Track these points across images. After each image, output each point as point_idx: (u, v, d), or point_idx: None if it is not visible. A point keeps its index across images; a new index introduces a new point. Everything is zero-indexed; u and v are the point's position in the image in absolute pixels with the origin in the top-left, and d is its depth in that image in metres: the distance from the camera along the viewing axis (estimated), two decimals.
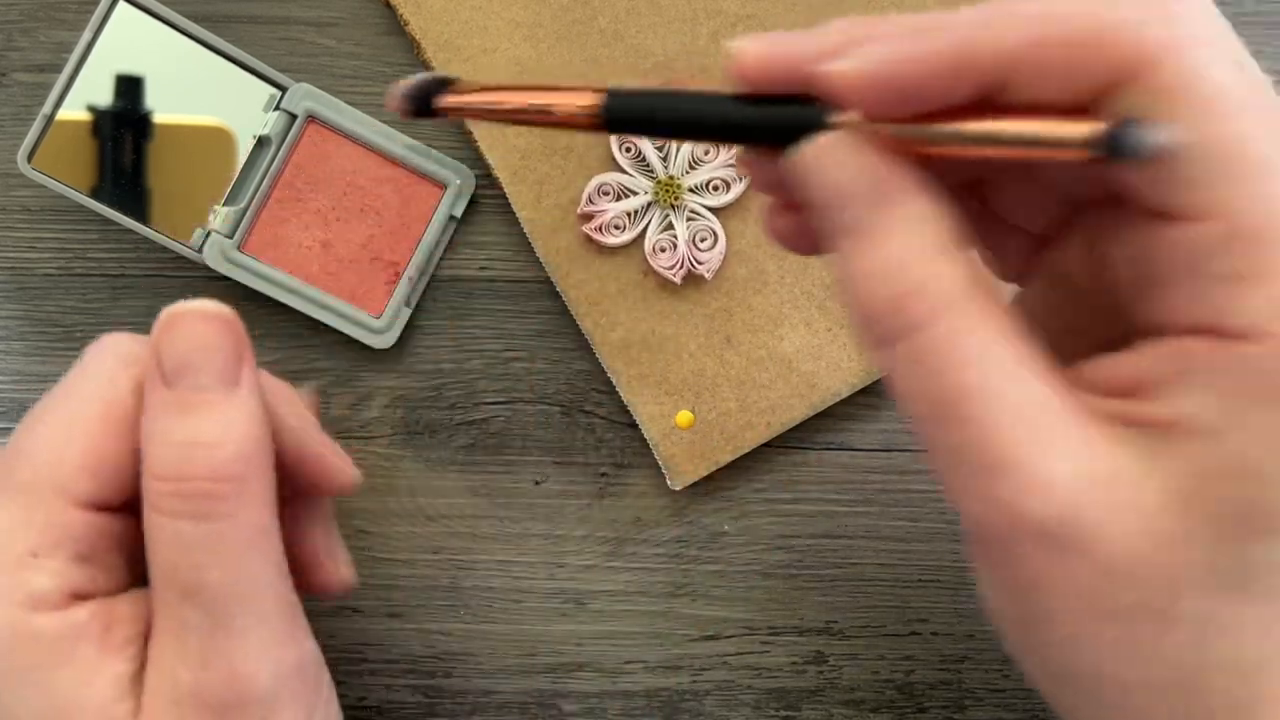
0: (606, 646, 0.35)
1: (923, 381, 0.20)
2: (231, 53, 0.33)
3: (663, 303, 0.34)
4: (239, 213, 0.33)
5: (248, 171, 0.33)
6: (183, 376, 0.23)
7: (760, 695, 0.34)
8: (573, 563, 0.35)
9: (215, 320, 0.24)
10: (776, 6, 0.33)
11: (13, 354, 0.35)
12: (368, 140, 0.34)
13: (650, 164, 0.34)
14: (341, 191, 0.34)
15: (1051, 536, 0.19)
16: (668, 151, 0.34)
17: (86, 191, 0.33)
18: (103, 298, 0.35)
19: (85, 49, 0.32)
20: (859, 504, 0.35)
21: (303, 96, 0.33)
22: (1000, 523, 0.20)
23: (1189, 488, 0.19)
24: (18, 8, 0.34)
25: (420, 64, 0.34)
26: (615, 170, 0.34)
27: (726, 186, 0.34)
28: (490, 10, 0.34)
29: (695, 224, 0.33)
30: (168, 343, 0.23)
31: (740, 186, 0.34)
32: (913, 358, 0.20)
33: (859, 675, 0.34)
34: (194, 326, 0.24)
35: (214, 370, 0.23)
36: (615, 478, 0.35)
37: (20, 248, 0.35)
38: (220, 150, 0.33)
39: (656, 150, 0.34)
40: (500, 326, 0.35)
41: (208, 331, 0.24)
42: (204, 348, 0.23)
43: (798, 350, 0.34)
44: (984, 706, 0.34)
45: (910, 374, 0.21)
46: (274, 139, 0.33)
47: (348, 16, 0.35)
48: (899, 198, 0.20)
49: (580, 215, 0.34)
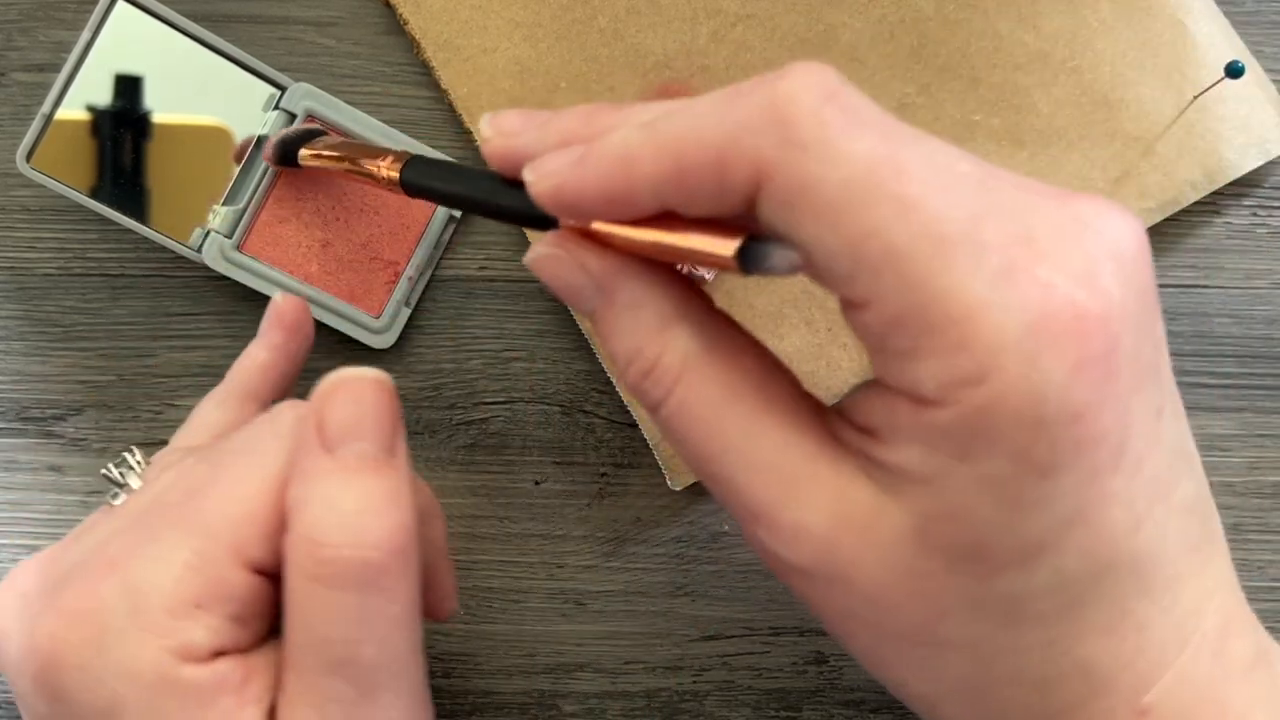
0: (606, 647, 0.35)
1: (683, 448, 0.22)
2: (231, 52, 0.33)
3: None
4: (238, 212, 0.33)
5: (247, 171, 0.33)
6: (346, 443, 0.22)
7: (760, 696, 0.34)
8: (572, 563, 0.35)
9: (381, 387, 0.23)
10: (776, 6, 0.33)
11: (12, 354, 0.35)
12: (368, 139, 0.34)
13: None
14: (341, 191, 0.34)
15: (811, 574, 0.21)
16: None
17: (85, 191, 0.33)
18: (102, 297, 0.35)
19: (84, 48, 0.32)
20: None
21: (302, 96, 0.33)
22: (771, 564, 0.22)
23: (919, 528, 0.20)
24: (16, 7, 0.34)
25: (420, 63, 0.34)
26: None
27: None
28: (490, 10, 0.34)
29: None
30: (331, 408, 0.23)
31: None
32: (668, 427, 0.22)
33: (859, 676, 0.34)
34: (359, 393, 0.23)
35: (378, 438, 0.23)
36: (615, 478, 0.35)
37: (20, 247, 0.35)
38: (220, 150, 0.33)
39: None
40: (500, 326, 0.35)
41: (373, 398, 0.23)
42: (368, 415, 0.23)
43: (798, 350, 0.34)
44: None
45: (673, 442, 0.22)
46: None
47: (347, 16, 0.35)
48: (615, 287, 0.22)
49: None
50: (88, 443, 0.35)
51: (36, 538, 0.35)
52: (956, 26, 0.33)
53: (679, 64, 0.34)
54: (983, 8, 0.33)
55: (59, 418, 0.35)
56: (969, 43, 0.33)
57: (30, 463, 0.35)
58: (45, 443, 0.35)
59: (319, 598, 0.22)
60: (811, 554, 0.21)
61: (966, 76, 0.33)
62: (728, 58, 0.34)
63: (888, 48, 0.33)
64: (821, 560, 0.21)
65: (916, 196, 0.18)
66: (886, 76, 0.33)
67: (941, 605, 0.20)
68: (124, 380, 0.35)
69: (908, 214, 0.18)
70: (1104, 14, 0.33)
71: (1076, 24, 0.33)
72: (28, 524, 0.35)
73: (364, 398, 0.23)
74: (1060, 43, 0.33)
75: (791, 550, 0.21)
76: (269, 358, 0.31)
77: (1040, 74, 0.33)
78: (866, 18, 0.33)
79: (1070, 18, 0.33)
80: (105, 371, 0.35)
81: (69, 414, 0.35)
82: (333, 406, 0.23)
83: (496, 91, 0.34)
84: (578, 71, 0.34)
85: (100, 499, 0.34)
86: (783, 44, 0.33)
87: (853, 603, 0.21)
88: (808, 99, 0.19)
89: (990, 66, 0.33)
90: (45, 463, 0.35)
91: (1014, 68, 0.33)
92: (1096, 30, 0.33)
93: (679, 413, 0.22)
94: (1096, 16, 0.33)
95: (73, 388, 0.35)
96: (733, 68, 0.34)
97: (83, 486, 0.35)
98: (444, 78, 0.34)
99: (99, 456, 0.35)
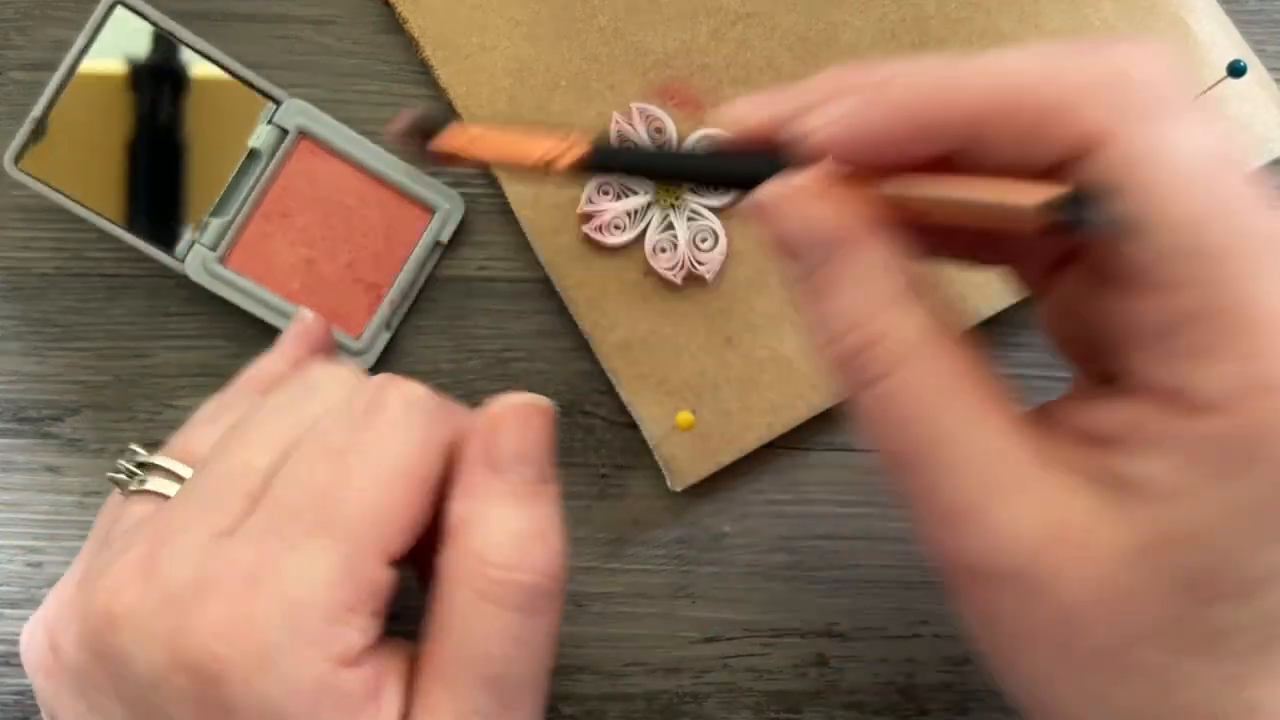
0: (606, 649, 0.34)
1: (886, 431, 0.21)
2: (227, 64, 0.33)
3: (663, 303, 0.34)
4: (224, 225, 0.33)
5: (237, 183, 0.33)
6: (514, 468, 0.24)
7: (761, 698, 0.34)
8: (572, 564, 0.34)
9: (547, 416, 0.24)
10: (777, 5, 0.33)
11: (9, 354, 0.35)
12: (359, 160, 0.33)
13: None
14: (328, 210, 0.34)
15: (1009, 581, 0.20)
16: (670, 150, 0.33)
17: (74, 196, 0.32)
18: (99, 298, 0.35)
19: (80, 51, 0.32)
20: (860, 505, 0.35)
21: (296, 112, 0.33)
22: (963, 568, 0.21)
23: (1146, 546, 0.19)
24: (14, 5, 0.34)
25: (419, 62, 0.34)
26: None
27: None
28: (489, 8, 0.33)
29: (696, 224, 0.33)
30: (504, 431, 0.24)
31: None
32: (875, 408, 0.21)
33: (860, 678, 0.34)
34: (529, 419, 0.24)
35: (541, 466, 0.24)
36: (615, 478, 0.35)
37: (16, 247, 0.35)
38: (212, 160, 0.33)
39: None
40: (500, 326, 0.35)
41: (539, 426, 0.24)
42: (535, 442, 0.24)
43: (798, 350, 0.33)
44: (986, 709, 0.34)
45: (874, 423, 0.21)
46: (265, 153, 0.33)
47: (346, 14, 0.35)
48: (857, 246, 0.20)
49: (580, 215, 0.33)
50: (85, 443, 0.34)
51: (35, 538, 0.34)
52: (958, 25, 0.33)
53: (679, 62, 0.34)
54: (984, 6, 0.33)
55: (56, 418, 0.35)
56: (970, 41, 0.33)
57: (27, 463, 0.34)
58: (42, 443, 0.34)
59: (486, 615, 0.22)
60: (1014, 561, 0.20)
61: None
62: (728, 56, 0.33)
63: (889, 46, 0.33)
64: (1023, 569, 0.20)
65: (1247, 196, 0.18)
66: None
67: (1143, 628, 0.19)
68: (121, 380, 0.34)
69: (1238, 209, 0.18)
70: (1106, 13, 0.33)
71: (1078, 23, 0.33)
72: (25, 524, 0.34)
73: (532, 424, 0.24)
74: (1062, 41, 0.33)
75: (993, 555, 0.20)
76: (285, 371, 0.30)
77: None
78: (868, 16, 0.33)
79: (1072, 16, 0.33)
80: (102, 372, 0.34)
81: (66, 414, 0.35)
82: (503, 430, 0.24)
83: (496, 90, 0.34)
84: (577, 70, 0.34)
85: (98, 499, 0.34)
86: (783, 42, 0.33)
87: (1043, 617, 0.20)
88: (1161, 71, 0.19)
89: None
90: (42, 463, 0.34)
91: None
92: (1098, 29, 0.33)
93: (894, 395, 0.20)
94: (1098, 15, 0.33)
95: (69, 388, 0.35)
96: (733, 66, 0.33)
97: (80, 487, 0.34)
98: (443, 76, 0.34)
99: (96, 457, 0.34)
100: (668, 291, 0.34)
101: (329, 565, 0.22)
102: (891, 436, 0.21)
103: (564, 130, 0.24)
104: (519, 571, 0.23)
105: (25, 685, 0.34)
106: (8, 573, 0.34)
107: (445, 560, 0.23)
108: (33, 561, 0.34)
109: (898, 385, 0.20)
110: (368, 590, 0.22)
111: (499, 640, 0.22)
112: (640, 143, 0.33)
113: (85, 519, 0.34)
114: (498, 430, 0.24)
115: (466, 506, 0.23)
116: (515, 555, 0.23)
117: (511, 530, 0.23)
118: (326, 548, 0.22)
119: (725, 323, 0.34)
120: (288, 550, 0.22)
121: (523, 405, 0.24)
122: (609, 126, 0.33)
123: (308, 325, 0.31)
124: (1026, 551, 0.19)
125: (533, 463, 0.24)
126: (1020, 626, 0.20)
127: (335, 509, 0.23)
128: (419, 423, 0.24)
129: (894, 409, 0.20)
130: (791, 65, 0.33)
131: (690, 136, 0.33)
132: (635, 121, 0.33)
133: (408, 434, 0.24)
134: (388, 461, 0.23)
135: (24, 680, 0.34)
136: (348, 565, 0.22)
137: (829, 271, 0.21)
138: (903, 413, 0.20)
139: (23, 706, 0.34)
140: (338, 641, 0.22)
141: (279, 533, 0.23)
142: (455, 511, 0.23)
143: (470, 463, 0.24)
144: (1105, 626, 0.19)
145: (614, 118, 0.33)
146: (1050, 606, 0.20)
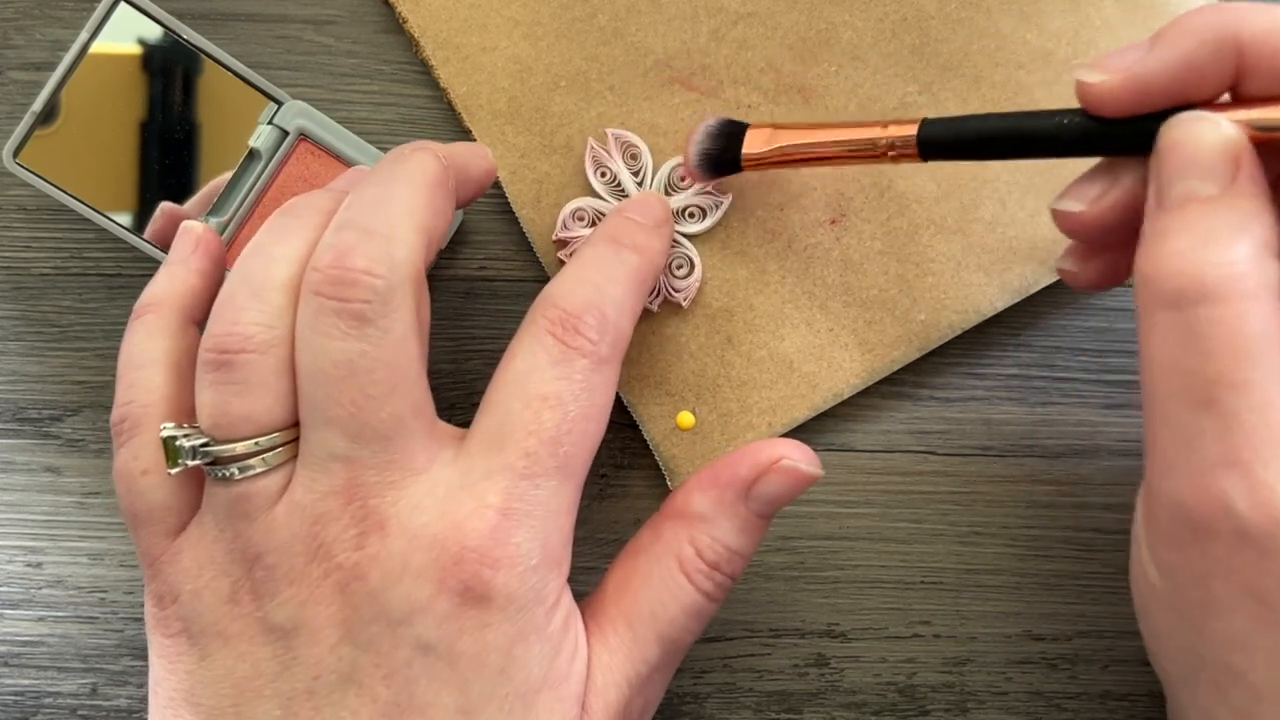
0: None
1: (1189, 356, 0.21)
2: (229, 63, 0.33)
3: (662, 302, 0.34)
4: (222, 225, 0.33)
5: (236, 183, 0.33)
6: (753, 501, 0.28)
7: (761, 698, 0.34)
8: (572, 564, 0.34)
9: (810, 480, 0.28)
10: (777, 5, 0.33)
11: (9, 354, 0.35)
12: (358, 163, 0.33)
13: (626, 190, 0.33)
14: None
15: (1253, 539, 0.20)
16: (644, 178, 0.33)
17: (73, 192, 0.32)
18: (99, 297, 0.35)
19: (82, 48, 0.32)
20: (860, 505, 0.35)
21: (296, 114, 0.33)
22: (1205, 513, 0.21)
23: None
24: (14, 5, 0.34)
25: (419, 62, 0.34)
26: (591, 196, 0.33)
27: (703, 214, 0.33)
28: (489, 8, 0.33)
29: (672, 251, 0.33)
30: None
31: (717, 214, 0.33)
32: (1191, 329, 0.21)
33: (861, 678, 0.34)
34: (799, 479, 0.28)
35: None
36: (615, 479, 0.35)
37: (16, 247, 0.35)
38: (214, 157, 0.33)
39: (633, 177, 0.33)
40: (500, 326, 0.35)
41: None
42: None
43: (799, 350, 0.33)
44: (986, 709, 0.34)
45: (1178, 344, 0.21)
46: (264, 154, 0.33)
47: (346, 14, 0.35)
48: (1250, 188, 0.22)
49: (555, 241, 0.33)
50: (85, 443, 0.34)
51: (35, 538, 0.34)
52: (958, 25, 0.33)
53: (679, 62, 0.33)
54: (985, 6, 0.33)
55: (56, 418, 0.35)
56: (971, 41, 0.33)
57: (27, 464, 0.34)
58: (42, 443, 0.35)
59: (684, 590, 0.27)
60: (1269, 518, 0.20)
61: (969, 75, 0.33)
62: (728, 56, 0.33)
63: (889, 46, 0.33)
64: (1274, 530, 0.20)
65: None
66: (888, 75, 0.33)
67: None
68: None
69: None
70: (1107, 12, 0.33)
71: (1079, 22, 0.33)
72: (25, 524, 0.34)
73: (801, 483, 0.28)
74: (1063, 41, 0.33)
75: (1256, 508, 0.20)
76: (200, 284, 0.29)
77: (1043, 72, 0.33)
78: (868, 16, 0.33)
79: (1073, 16, 0.33)
80: (102, 372, 0.34)
81: (66, 414, 0.35)
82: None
83: (496, 90, 0.34)
84: (577, 70, 0.33)
85: (98, 499, 0.34)
86: (783, 42, 0.33)
87: (1267, 579, 0.20)
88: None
89: (993, 65, 0.33)
90: (42, 463, 0.34)
91: (1016, 66, 0.33)
92: (1100, 29, 0.33)
93: (1228, 326, 0.21)
94: (1100, 15, 0.33)
95: (70, 388, 0.35)
96: (733, 66, 0.33)
97: (80, 487, 0.34)
98: (443, 76, 0.34)
99: (96, 457, 0.34)
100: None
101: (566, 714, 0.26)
102: (1194, 365, 0.21)
103: (858, 119, 0.27)
104: (719, 573, 0.27)
105: (25, 685, 0.34)
106: (8, 573, 0.34)
107: (660, 528, 0.28)
108: (33, 562, 0.34)
109: (1231, 316, 0.21)
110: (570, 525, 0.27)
111: (686, 611, 0.27)
112: (616, 172, 0.33)
113: (85, 519, 0.34)
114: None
115: (694, 501, 0.28)
116: (726, 564, 0.27)
117: (724, 540, 0.27)
118: (552, 710, 0.26)
119: (725, 322, 0.34)
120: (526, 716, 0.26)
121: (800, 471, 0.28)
122: (586, 152, 0.33)
123: (201, 237, 0.30)
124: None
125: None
126: (1245, 583, 0.20)
127: (540, 685, 0.26)
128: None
129: (1224, 335, 0.21)
130: (791, 65, 0.33)
131: (663, 166, 0.33)
132: (611, 148, 0.33)
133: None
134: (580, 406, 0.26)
135: (24, 680, 0.34)
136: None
137: (1235, 189, 0.22)
138: (1233, 342, 0.21)
139: (22, 707, 0.34)
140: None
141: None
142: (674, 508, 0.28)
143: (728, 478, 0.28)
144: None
145: (589, 144, 0.33)
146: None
